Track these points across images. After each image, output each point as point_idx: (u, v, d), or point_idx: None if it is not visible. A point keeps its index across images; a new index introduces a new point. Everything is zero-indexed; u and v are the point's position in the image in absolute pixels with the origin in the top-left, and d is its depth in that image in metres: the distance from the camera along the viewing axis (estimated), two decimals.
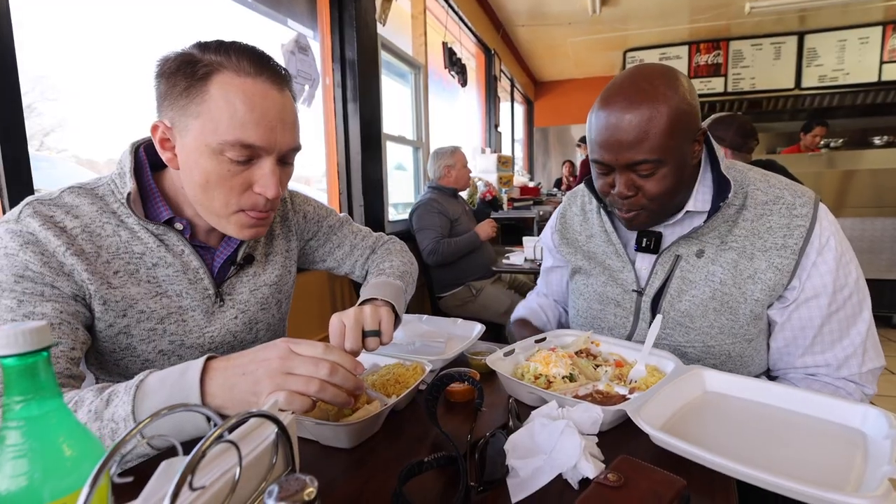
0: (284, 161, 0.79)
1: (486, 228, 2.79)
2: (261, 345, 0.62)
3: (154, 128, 0.74)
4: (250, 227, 0.79)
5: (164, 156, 0.76)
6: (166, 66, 0.72)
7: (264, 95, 0.72)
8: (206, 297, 0.84)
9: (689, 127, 0.86)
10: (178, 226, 0.81)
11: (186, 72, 0.70)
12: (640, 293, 1.00)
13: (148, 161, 0.81)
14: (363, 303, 0.88)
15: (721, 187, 0.91)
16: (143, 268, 0.78)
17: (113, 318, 0.75)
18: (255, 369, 0.59)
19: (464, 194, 3.18)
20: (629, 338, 1.02)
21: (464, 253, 2.69)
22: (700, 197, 0.94)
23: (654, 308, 0.97)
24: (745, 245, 0.91)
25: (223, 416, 0.63)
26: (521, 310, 1.26)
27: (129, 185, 0.76)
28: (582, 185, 1.17)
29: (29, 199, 0.73)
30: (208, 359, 0.61)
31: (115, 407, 0.58)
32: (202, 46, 0.72)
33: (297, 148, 0.79)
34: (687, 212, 0.94)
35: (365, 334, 0.77)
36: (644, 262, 1.02)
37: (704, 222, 0.92)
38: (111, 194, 0.78)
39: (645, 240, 0.99)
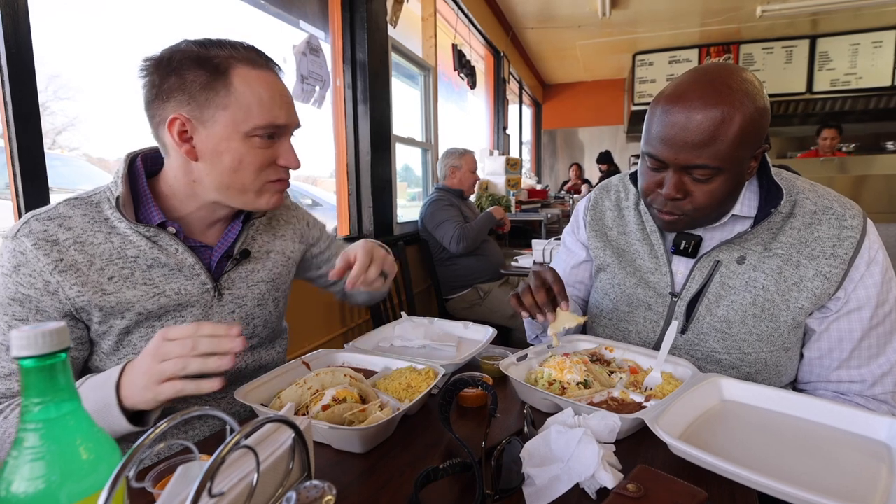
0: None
1: (495, 210, 2.85)
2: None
3: (171, 121, 0.77)
4: (276, 192, 0.87)
5: (183, 147, 0.78)
6: (174, 64, 0.75)
7: (276, 82, 0.82)
8: (205, 292, 0.86)
9: (756, 141, 0.82)
10: (171, 229, 0.83)
11: (203, 67, 0.75)
12: (675, 296, 0.98)
13: (144, 170, 0.84)
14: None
15: (770, 194, 0.90)
16: (138, 271, 0.80)
17: (112, 320, 0.79)
18: (140, 365, 0.65)
19: (472, 198, 3.18)
20: (657, 343, 0.99)
21: (486, 232, 2.74)
22: (747, 202, 0.92)
23: (690, 313, 0.95)
24: (791, 253, 0.90)
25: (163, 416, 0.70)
26: None
27: (120, 188, 0.79)
28: (617, 178, 1.15)
29: (27, 215, 0.77)
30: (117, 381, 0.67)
31: None
32: (200, 44, 0.77)
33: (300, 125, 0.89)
34: (732, 216, 0.92)
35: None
36: (680, 265, 0.99)
37: (751, 228, 0.90)
38: (106, 201, 0.80)
39: (684, 242, 0.96)
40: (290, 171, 0.87)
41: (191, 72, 0.75)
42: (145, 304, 0.80)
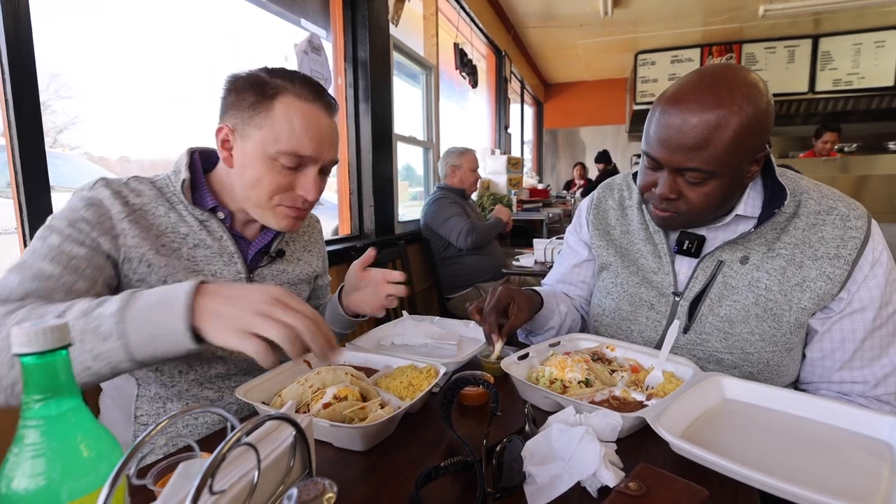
0: (324, 171, 0.92)
1: (502, 211, 2.86)
2: (256, 284, 0.63)
3: (219, 129, 0.87)
4: (288, 217, 0.91)
5: (222, 154, 0.88)
6: (238, 83, 0.86)
7: (317, 118, 0.87)
8: (238, 279, 0.93)
9: (753, 146, 0.81)
10: (220, 214, 0.92)
11: (256, 90, 0.84)
12: (678, 296, 0.98)
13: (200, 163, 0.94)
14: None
15: (774, 194, 0.89)
16: (185, 247, 0.88)
17: (154, 281, 0.83)
18: (239, 303, 0.59)
19: (473, 197, 3.17)
20: (660, 342, 0.98)
21: (493, 235, 2.76)
22: (751, 202, 0.91)
23: (692, 312, 0.95)
24: (795, 253, 0.89)
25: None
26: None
27: (185, 174, 0.88)
28: (620, 178, 1.15)
29: (100, 178, 0.85)
30: (201, 282, 0.62)
31: (104, 307, 0.61)
32: (269, 71, 0.87)
33: (336, 161, 0.94)
34: (736, 216, 0.92)
35: None
36: (682, 265, 0.99)
37: (754, 228, 0.90)
38: (166, 186, 0.89)
39: (687, 242, 0.96)
40: (309, 201, 0.91)
41: (246, 92, 0.85)
42: (187, 275, 0.86)
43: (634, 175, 1.05)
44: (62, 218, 0.78)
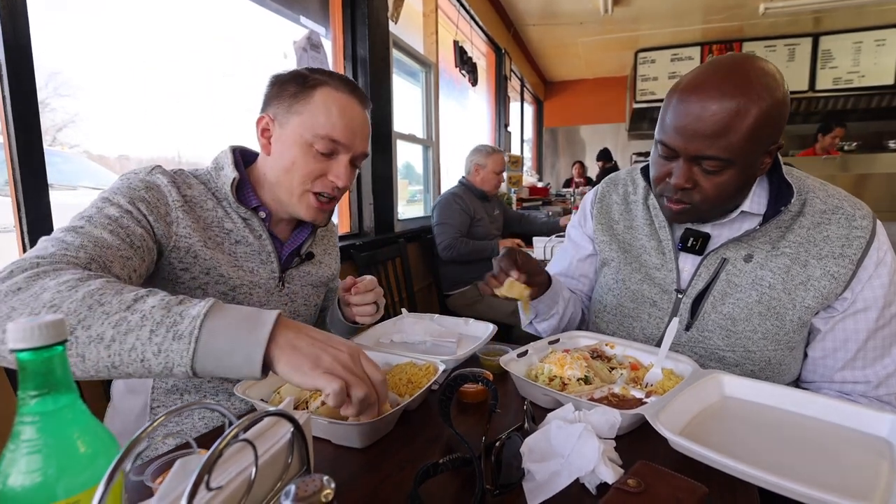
0: (354, 164, 0.96)
1: (509, 244, 2.77)
2: (336, 336, 0.65)
3: (260, 119, 0.93)
4: (317, 208, 0.94)
5: (261, 142, 0.94)
6: (281, 77, 0.93)
7: (353, 108, 0.92)
8: (272, 278, 0.96)
9: (770, 136, 0.81)
10: (262, 214, 0.95)
11: (298, 81, 0.91)
12: (681, 293, 0.97)
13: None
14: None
15: (780, 192, 0.89)
16: (228, 242, 0.91)
17: (198, 272, 0.86)
18: (325, 348, 0.61)
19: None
20: (661, 339, 0.97)
21: (478, 257, 2.71)
22: (756, 199, 0.91)
23: (695, 310, 0.95)
24: (799, 252, 0.89)
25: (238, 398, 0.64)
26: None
27: (234, 173, 0.91)
28: (625, 172, 1.15)
29: (156, 165, 0.88)
30: (280, 314, 0.62)
31: (187, 306, 0.60)
32: (310, 69, 0.94)
33: (367, 154, 0.98)
34: (741, 212, 0.92)
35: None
36: (686, 262, 0.98)
37: (759, 226, 0.89)
38: (209, 182, 0.93)
39: (691, 239, 0.95)
40: (336, 191, 0.94)
41: (288, 84, 0.91)
42: (228, 269, 0.89)
43: (642, 170, 1.04)
44: (121, 194, 0.79)
